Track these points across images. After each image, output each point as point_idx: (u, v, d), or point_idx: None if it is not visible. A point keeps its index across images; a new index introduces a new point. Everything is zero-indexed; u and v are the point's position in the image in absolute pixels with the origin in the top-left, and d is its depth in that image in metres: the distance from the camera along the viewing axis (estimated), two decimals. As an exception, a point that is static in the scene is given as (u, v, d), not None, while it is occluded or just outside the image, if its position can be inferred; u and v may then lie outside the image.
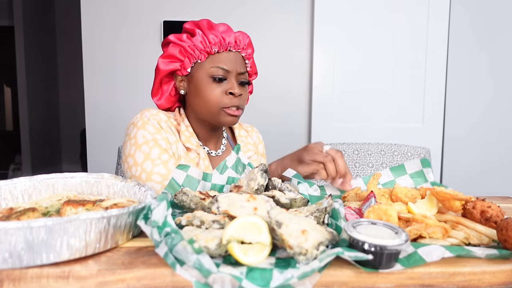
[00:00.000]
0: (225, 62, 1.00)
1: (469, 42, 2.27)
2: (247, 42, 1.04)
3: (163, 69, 1.03)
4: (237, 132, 1.19)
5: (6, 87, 6.10)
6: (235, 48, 1.01)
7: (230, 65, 1.00)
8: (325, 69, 2.29)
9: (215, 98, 0.99)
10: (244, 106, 1.05)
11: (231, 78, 1.01)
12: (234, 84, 1.00)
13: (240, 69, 1.02)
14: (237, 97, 1.01)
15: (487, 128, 2.32)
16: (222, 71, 0.99)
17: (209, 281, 0.47)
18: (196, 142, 1.04)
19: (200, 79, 1.00)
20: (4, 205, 0.67)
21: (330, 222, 0.62)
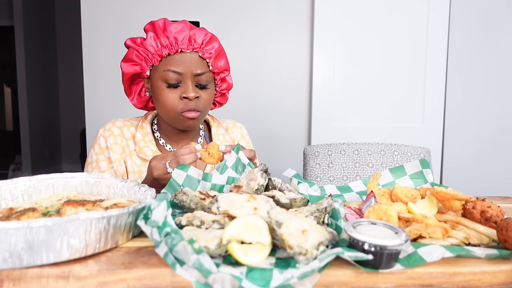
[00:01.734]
0: (177, 65, 0.95)
1: (469, 42, 2.27)
2: (206, 40, 0.97)
3: (125, 72, 1.01)
4: (214, 130, 1.14)
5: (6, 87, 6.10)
6: (189, 48, 0.96)
7: (183, 67, 0.95)
8: (325, 69, 2.29)
9: (170, 104, 0.96)
10: (206, 107, 1.00)
11: (186, 80, 0.96)
12: (188, 87, 0.95)
13: (196, 71, 0.96)
14: (193, 100, 0.96)
15: (487, 128, 2.32)
16: (175, 75, 0.95)
17: (209, 281, 0.47)
18: (151, 152, 1.01)
19: (156, 83, 0.98)
20: (4, 205, 0.67)
21: (330, 222, 0.62)
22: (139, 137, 1.03)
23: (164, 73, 0.95)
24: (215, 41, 1.00)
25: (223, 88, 1.08)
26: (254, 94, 2.34)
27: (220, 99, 1.12)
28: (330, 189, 0.88)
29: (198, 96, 0.97)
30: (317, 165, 1.57)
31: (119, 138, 1.02)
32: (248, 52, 2.31)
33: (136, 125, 1.06)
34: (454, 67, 2.29)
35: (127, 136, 1.03)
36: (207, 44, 0.98)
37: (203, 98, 0.98)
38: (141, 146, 1.01)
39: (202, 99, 0.98)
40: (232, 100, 2.34)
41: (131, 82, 1.05)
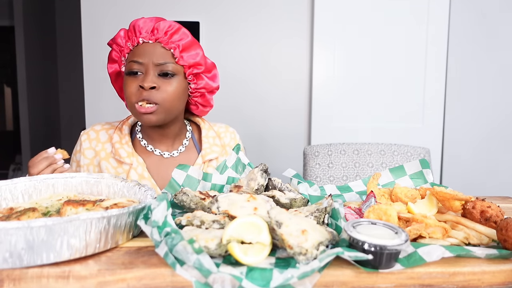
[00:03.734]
0: (138, 55, 0.94)
1: (469, 42, 2.27)
2: (170, 31, 0.95)
3: (109, 72, 1.02)
4: (204, 133, 1.10)
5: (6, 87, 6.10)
6: (151, 38, 0.94)
7: (143, 57, 0.93)
8: (325, 70, 2.29)
9: (129, 94, 0.94)
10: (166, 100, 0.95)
11: (146, 70, 0.93)
12: (147, 77, 0.92)
13: (157, 60, 0.93)
14: (149, 90, 0.92)
15: (487, 128, 2.32)
16: (135, 65, 0.94)
17: (209, 281, 0.47)
18: (125, 153, 1.00)
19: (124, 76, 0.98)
20: (4, 205, 0.67)
21: (330, 222, 0.62)
22: (116, 139, 1.02)
23: (129, 64, 0.95)
24: (183, 33, 0.97)
25: (201, 87, 1.03)
26: (254, 94, 2.34)
27: (200, 100, 1.07)
28: (330, 189, 0.88)
29: (155, 86, 0.93)
30: (317, 165, 1.57)
31: (94, 142, 1.03)
32: (248, 52, 2.31)
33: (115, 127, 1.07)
34: (454, 67, 2.29)
35: (103, 139, 1.03)
36: (171, 35, 0.95)
37: (163, 89, 0.94)
38: (116, 148, 1.00)
39: (161, 91, 0.94)
40: (232, 100, 2.34)
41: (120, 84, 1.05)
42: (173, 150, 1.06)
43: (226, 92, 2.32)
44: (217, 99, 2.33)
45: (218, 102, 2.34)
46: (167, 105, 0.95)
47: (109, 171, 1.00)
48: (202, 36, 2.27)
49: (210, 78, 1.04)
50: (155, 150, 1.04)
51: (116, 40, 0.98)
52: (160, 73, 0.94)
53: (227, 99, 2.33)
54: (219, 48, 2.29)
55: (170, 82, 0.95)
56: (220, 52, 2.30)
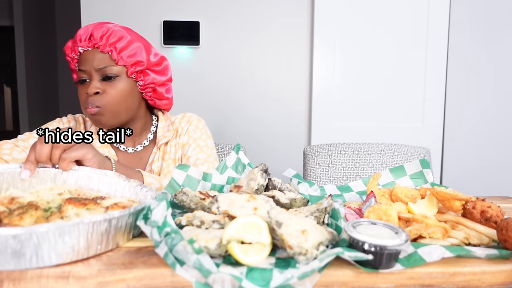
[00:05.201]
0: (81, 63, 0.98)
1: (469, 41, 2.27)
2: (106, 35, 0.97)
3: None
4: (161, 124, 1.13)
5: (6, 87, 6.10)
6: (89, 45, 0.97)
7: (85, 65, 0.97)
8: (325, 70, 2.29)
9: (81, 102, 1.00)
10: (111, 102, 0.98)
11: (90, 77, 0.98)
12: (91, 83, 0.97)
13: (97, 65, 0.97)
14: (94, 95, 0.96)
15: (487, 128, 2.32)
16: (81, 73, 0.98)
17: (209, 281, 0.47)
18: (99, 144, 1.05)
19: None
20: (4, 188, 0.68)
21: (330, 222, 0.62)
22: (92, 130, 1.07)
23: (77, 73, 1.00)
24: (119, 35, 0.99)
25: (149, 82, 1.04)
26: (254, 94, 2.34)
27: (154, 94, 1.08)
28: (330, 189, 0.88)
29: (99, 91, 0.97)
30: (317, 165, 1.57)
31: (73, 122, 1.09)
32: (248, 52, 2.31)
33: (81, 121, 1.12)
34: (454, 67, 2.29)
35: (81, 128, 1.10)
36: (107, 38, 0.97)
37: (107, 92, 0.97)
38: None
39: (106, 94, 0.97)
40: (231, 100, 2.34)
41: None
42: (137, 145, 1.11)
43: (225, 92, 2.32)
44: (217, 99, 2.33)
45: (217, 102, 2.34)
46: (110, 108, 0.98)
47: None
48: (202, 36, 2.27)
49: (158, 72, 1.06)
50: (120, 146, 1.08)
51: (66, 52, 1.02)
52: (102, 77, 0.98)
53: (226, 99, 2.33)
54: (219, 48, 2.29)
55: (113, 85, 0.98)
56: (220, 52, 2.30)
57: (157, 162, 1.10)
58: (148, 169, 1.10)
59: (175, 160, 1.11)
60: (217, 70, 2.30)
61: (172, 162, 1.11)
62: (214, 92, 2.32)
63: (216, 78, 2.30)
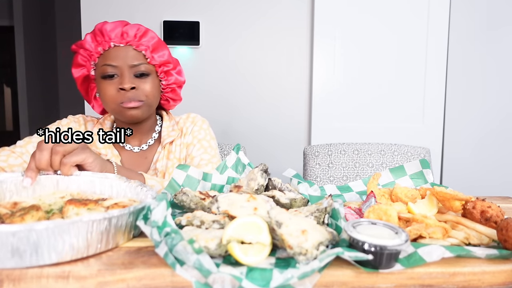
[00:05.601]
0: (111, 59, 0.99)
1: (469, 41, 2.27)
2: (139, 33, 1.02)
3: (76, 77, 1.05)
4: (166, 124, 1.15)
5: (6, 87, 6.10)
6: (122, 42, 1.00)
7: (118, 60, 0.99)
8: (325, 69, 2.29)
9: (109, 97, 1.00)
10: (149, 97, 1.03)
11: (122, 73, 0.99)
12: (124, 78, 0.98)
13: (132, 62, 1.00)
14: (130, 91, 0.99)
15: (487, 128, 2.32)
16: (110, 68, 0.99)
17: (209, 281, 0.47)
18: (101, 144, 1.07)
19: (97, 79, 1.02)
20: (8, 197, 0.68)
21: (330, 222, 0.62)
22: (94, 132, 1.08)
23: (102, 68, 1.00)
24: (150, 36, 1.03)
25: (171, 83, 1.10)
26: (254, 94, 2.34)
27: (172, 95, 1.13)
28: (330, 189, 0.88)
29: (135, 87, 0.99)
30: (317, 165, 1.57)
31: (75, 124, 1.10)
32: (248, 52, 2.31)
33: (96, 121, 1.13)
34: (454, 67, 2.29)
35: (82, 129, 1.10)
36: (140, 37, 1.02)
37: (141, 88, 1.01)
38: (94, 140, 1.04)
39: (141, 89, 1.01)
40: (231, 100, 2.34)
41: (87, 87, 1.09)
42: (142, 144, 1.12)
43: (225, 92, 2.32)
44: (216, 99, 2.33)
45: (217, 102, 2.34)
46: (149, 101, 1.03)
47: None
48: (202, 36, 2.27)
49: (178, 74, 1.11)
50: (126, 145, 1.10)
51: (83, 45, 1.01)
52: (136, 74, 1.00)
53: (226, 98, 2.33)
54: (219, 48, 2.29)
55: (146, 81, 1.02)
56: (220, 52, 2.30)
57: (162, 161, 1.10)
58: (153, 168, 1.10)
59: (180, 159, 1.12)
60: (217, 70, 2.30)
61: (177, 162, 1.12)
62: (214, 92, 2.32)
63: (216, 78, 2.30)
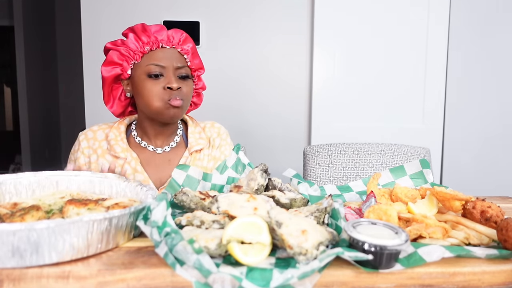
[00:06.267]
0: (159, 59, 1.02)
1: (469, 42, 2.27)
2: (182, 38, 1.06)
3: (106, 76, 1.06)
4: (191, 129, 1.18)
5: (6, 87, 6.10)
6: (168, 44, 1.04)
7: (165, 61, 1.02)
8: (325, 69, 2.29)
9: (155, 94, 1.01)
10: (187, 98, 1.06)
11: (168, 73, 1.02)
12: (171, 78, 1.02)
13: (177, 64, 1.03)
14: (176, 90, 1.02)
15: (487, 128, 2.32)
16: (157, 68, 1.01)
17: (209, 281, 0.47)
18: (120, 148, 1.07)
19: (139, 78, 1.03)
20: (8, 199, 0.68)
21: (330, 222, 0.62)
22: (111, 136, 1.09)
23: (148, 67, 1.02)
24: (190, 41, 1.08)
25: (199, 88, 1.16)
26: (254, 94, 2.34)
27: (196, 99, 1.19)
28: (330, 189, 0.88)
29: (181, 87, 1.03)
30: (317, 165, 1.57)
31: (92, 141, 1.09)
32: (248, 52, 2.31)
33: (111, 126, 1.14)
34: (454, 67, 2.29)
35: (99, 138, 1.10)
36: (184, 42, 1.07)
37: (184, 89, 1.04)
38: (112, 144, 1.07)
39: (184, 90, 1.04)
40: (231, 100, 2.33)
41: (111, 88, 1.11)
42: (165, 146, 1.13)
43: (225, 92, 2.32)
44: (217, 99, 2.33)
45: (217, 102, 2.34)
46: (187, 103, 1.06)
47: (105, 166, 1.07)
48: (202, 36, 2.27)
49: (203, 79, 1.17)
50: (148, 146, 1.10)
51: (126, 44, 1.04)
52: (179, 75, 1.04)
53: (226, 98, 2.33)
54: (219, 48, 2.29)
55: (187, 83, 1.06)
56: (220, 52, 2.30)
57: None
58: None
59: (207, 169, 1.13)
60: (217, 70, 2.30)
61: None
62: (213, 92, 2.31)
63: (216, 78, 2.30)
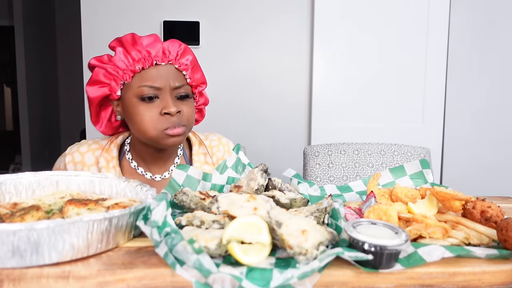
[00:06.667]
0: (153, 79, 0.87)
1: (469, 42, 2.27)
2: (180, 51, 0.91)
3: (93, 97, 0.92)
4: (195, 150, 1.03)
5: (6, 87, 6.10)
6: (164, 60, 0.88)
7: (160, 81, 0.87)
8: (325, 69, 2.29)
9: (150, 122, 0.87)
10: (190, 121, 0.92)
11: (164, 95, 0.88)
12: (168, 102, 0.87)
13: (174, 83, 0.89)
14: (175, 115, 0.88)
15: (487, 128, 2.32)
16: (151, 90, 0.87)
17: (209, 281, 0.47)
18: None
19: (130, 101, 0.89)
20: (8, 199, 0.68)
21: (330, 222, 0.62)
22: (102, 163, 0.94)
23: (140, 89, 0.87)
24: (189, 53, 0.94)
25: (201, 104, 1.02)
26: (254, 94, 2.34)
27: (197, 115, 1.05)
28: (330, 189, 0.88)
29: (180, 111, 0.89)
30: (317, 165, 1.57)
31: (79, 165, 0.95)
32: (248, 52, 2.31)
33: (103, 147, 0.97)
34: (454, 67, 2.29)
35: (89, 162, 0.95)
36: (182, 55, 0.92)
37: (185, 111, 0.91)
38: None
39: (184, 113, 0.90)
40: (231, 100, 2.34)
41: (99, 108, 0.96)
42: (164, 171, 1.00)
43: (225, 92, 2.32)
44: (217, 99, 2.33)
45: (217, 102, 2.34)
46: (190, 126, 0.93)
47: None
48: (202, 36, 2.27)
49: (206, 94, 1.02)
50: (146, 173, 0.97)
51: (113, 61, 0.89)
52: (177, 96, 0.90)
53: (226, 98, 2.33)
54: (219, 48, 2.29)
55: (187, 104, 0.92)
56: (220, 52, 2.30)
57: None
58: None
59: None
60: (217, 70, 2.30)
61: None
62: (214, 92, 2.31)
63: (216, 78, 2.30)
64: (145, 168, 0.98)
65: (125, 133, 1.03)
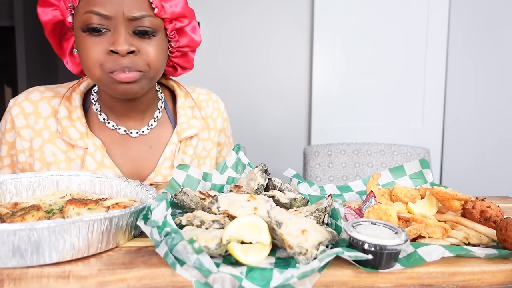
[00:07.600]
0: (102, 4, 0.67)
1: (469, 42, 2.27)
2: None
3: (44, 20, 0.74)
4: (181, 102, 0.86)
5: (6, 87, 6.10)
6: None
7: (111, 7, 0.67)
8: (325, 69, 2.29)
9: (94, 61, 0.69)
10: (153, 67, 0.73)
11: (116, 27, 0.69)
12: (119, 36, 0.68)
13: (130, 12, 0.68)
14: (126, 56, 0.69)
15: (487, 128, 2.32)
16: (98, 18, 0.68)
17: (209, 281, 0.47)
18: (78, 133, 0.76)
19: (77, 33, 0.71)
20: (8, 199, 0.68)
21: (330, 222, 0.62)
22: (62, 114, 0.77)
23: (85, 16, 0.68)
24: None
25: (183, 45, 0.79)
26: (254, 94, 2.34)
27: (181, 60, 0.84)
28: (330, 189, 0.88)
29: (134, 51, 0.70)
30: (317, 165, 1.57)
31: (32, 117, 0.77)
32: (248, 52, 2.32)
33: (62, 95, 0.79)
34: (454, 67, 2.29)
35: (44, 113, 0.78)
36: None
37: (143, 52, 0.71)
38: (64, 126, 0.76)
39: (143, 54, 0.71)
40: (231, 100, 2.34)
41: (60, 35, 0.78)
42: (142, 126, 0.84)
43: (225, 92, 2.32)
44: (217, 99, 2.34)
45: (218, 102, 2.34)
46: (152, 73, 0.74)
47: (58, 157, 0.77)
48: (202, 36, 2.27)
49: (192, 31, 0.80)
50: (118, 128, 0.82)
51: None
52: (135, 30, 0.70)
53: (226, 98, 2.33)
54: (219, 48, 2.30)
55: (150, 43, 0.72)
56: (220, 52, 2.30)
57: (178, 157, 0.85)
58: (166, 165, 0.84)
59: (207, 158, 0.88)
60: (217, 70, 2.30)
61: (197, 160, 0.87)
62: (213, 92, 2.32)
63: (215, 78, 2.30)
64: (117, 122, 0.83)
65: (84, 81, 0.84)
